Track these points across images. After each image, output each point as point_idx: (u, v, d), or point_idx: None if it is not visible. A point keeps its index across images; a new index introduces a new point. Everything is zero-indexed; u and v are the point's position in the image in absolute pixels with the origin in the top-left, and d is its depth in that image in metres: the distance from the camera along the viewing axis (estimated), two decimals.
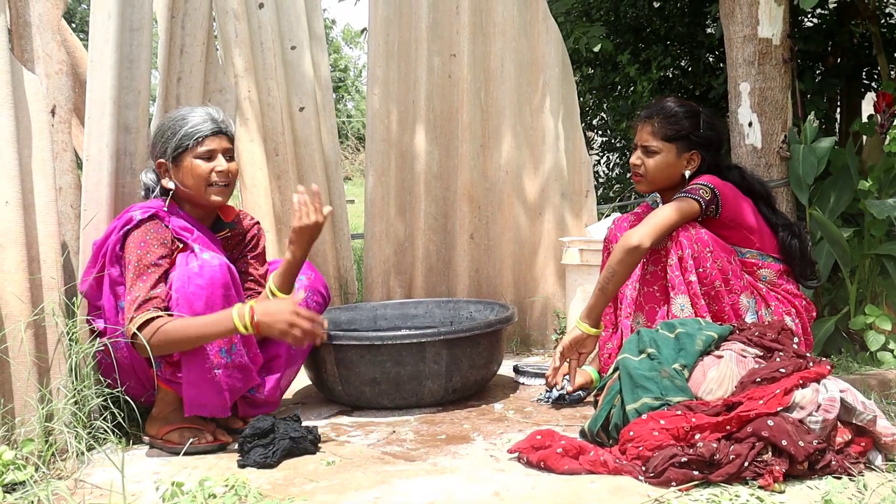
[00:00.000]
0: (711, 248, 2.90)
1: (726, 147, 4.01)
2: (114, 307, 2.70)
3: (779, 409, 2.30)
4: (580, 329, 3.01)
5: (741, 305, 2.92)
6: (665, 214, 2.91)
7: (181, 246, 2.77)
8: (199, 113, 2.86)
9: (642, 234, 2.88)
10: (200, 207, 2.92)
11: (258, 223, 3.16)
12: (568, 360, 3.07)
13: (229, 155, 2.90)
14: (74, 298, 2.70)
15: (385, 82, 4.26)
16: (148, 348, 2.55)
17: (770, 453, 2.22)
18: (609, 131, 6.77)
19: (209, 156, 2.84)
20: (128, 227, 2.70)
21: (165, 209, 2.82)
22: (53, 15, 2.95)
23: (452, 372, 3.11)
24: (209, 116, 2.86)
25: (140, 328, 2.56)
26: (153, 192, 2.91)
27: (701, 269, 2.88)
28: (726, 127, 3.15)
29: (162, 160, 2.84)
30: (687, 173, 3.09)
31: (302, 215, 2.83)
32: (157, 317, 2.58)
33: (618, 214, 3.88)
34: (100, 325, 2.73)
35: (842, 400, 2.35)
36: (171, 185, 2.85)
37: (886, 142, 3.69)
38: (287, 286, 2.93)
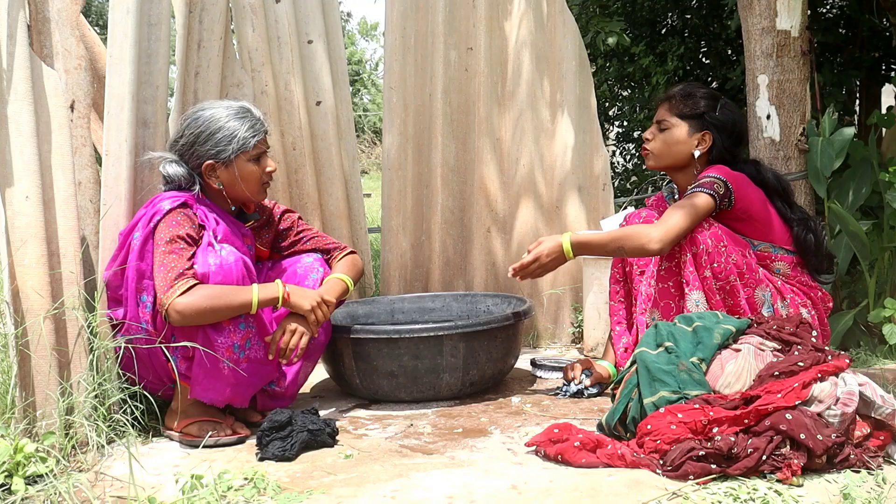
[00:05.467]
0: (726, 242, 2.89)
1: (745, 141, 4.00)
2: (136, 301, 2.71)
3: (797, 402, 2.29)
4: (563, 245, 2.99)
5: (757, 299, 2.91)
6: (683, 218, 2.87)
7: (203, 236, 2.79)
8: (249, 115, 2.89)
9: (662, 242, 2.86)
10: (237, 203, 2.97)
11: (277, 205, 3.20)
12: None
13: (268, 153, 2.98)
14: (94, 292, 2.71)
15: (402, 76, 4.26)
16: (181, 312, 2.59)
17: (788, 447, 2.22)
18: (626, 122, 6.76)
19: (259, 157, 2.90)
20: (157, 217, 2.71)
21: (205, 202, 2.87)
22: (72, 10, 2.96)
23: (470, 365, 3.11)
24: (257, 118, 2.90)
25: (179, 296, 2.60)
26: (184, 185, 2.88)
27: (716, 265, 2.87)
28: (746, 120, 3.16)
29: (212, 161, 2.84)
30: (696, 153, 3.09)
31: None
32: (195, 284, 2.62)
33: (632, 209, 3.89)
34: (119, 314, 2.75)
35: (860, 393, 2.34)
36: (219, 185, 2.87)
37: None
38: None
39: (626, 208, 4.16)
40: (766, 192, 3.06)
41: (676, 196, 3.24)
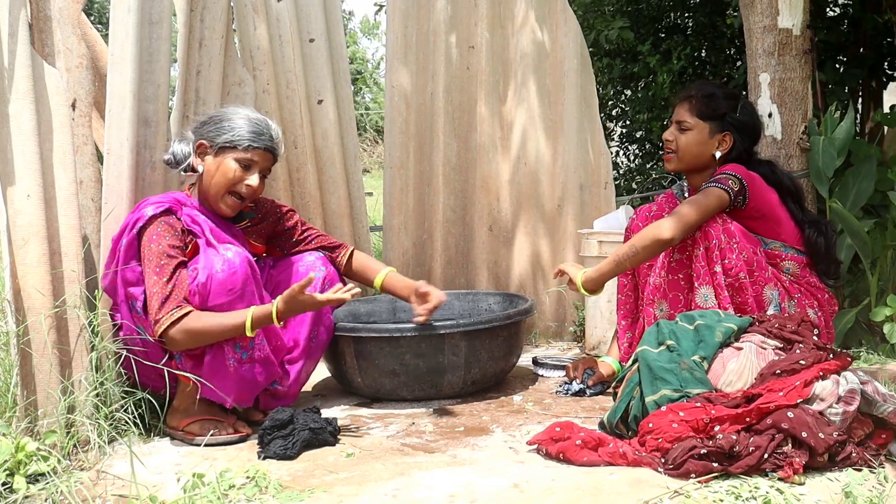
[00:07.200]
0: (738, 239, 2.89)
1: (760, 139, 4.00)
2: (127, 307, 2.71)
3: (799, 400, 2.29)
4: (580, 290, 3.07)
5: (765, 297, 2.91)
6: (697, 208, 2.89)
7: (193, 239, 2.78)
8: (261, 125, 2.87)
9: (675, 228, 2.87)
10: (206, 200, 2.91)
11: (277, 202, 3.17)
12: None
13: (265, 174, 2.91)
14: (96, 291, 2.72)
15: (403, 75, 4.26)
16: (175, 341, 2.61)
17: (790, 445, 2.22)
18: (629, 122, 6.74)
19: (248, 165, 2.85)
20: (140, 224, 2.71)
21: (192, 203, 2.85)
22: (73, 9, 2.96)
23: (471, 364, 3.11)
24: (266, 132, 2.87)
25: (168, 328, 2.60)
26: (181, 165, 2.91)
27: (726, 261, 2.87)
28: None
29: (205, 142, 2.85)
30: (717, 154, 3.09)
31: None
32: (184, 314, 2.61)
33: (625, 206, 3.89)
34: (118, 316, 2.75)
35: (862, 392, 2.34)
36: (200, 168, 2.86)
37: None
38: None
39: (627, 206, 4.15)
40: (780, 194, 3.07)
41: (687, 193, 3.24)
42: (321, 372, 3.43)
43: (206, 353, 2.67)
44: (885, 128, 4.18)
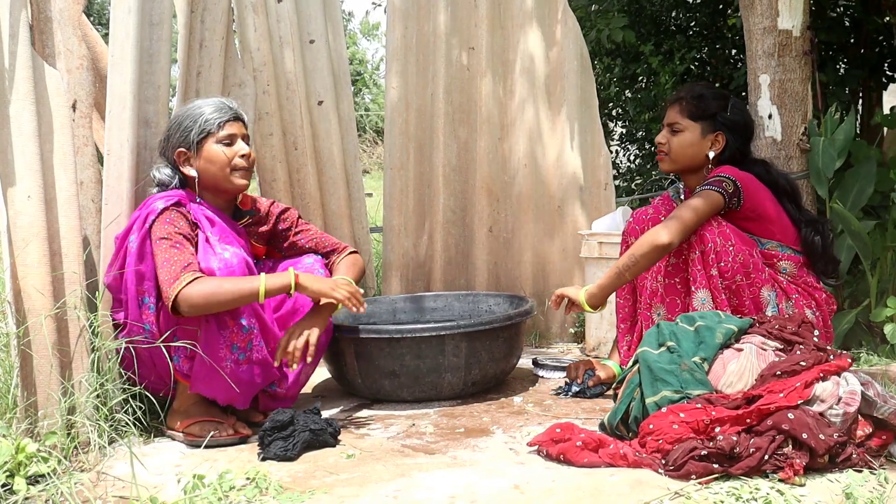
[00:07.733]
0: (733, 241, 2.89)
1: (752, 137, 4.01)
2: (137, 303, 2.70)
3: (799, 402, 2.29)
4: (584, 308, 3.06)
5: (762, 298, 2.91)
6: (692, 211, 2.90)
7: (198, 235, 2.78)
8: (214, 101, 2.90)
9: (672, 232, 2.88)
10: (223, 194, 2.93)
11: (276, 202, 3.17)
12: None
13: (247, 140, 2.94)
14: (96, 292, 2.71)
15: (403, 76, 4.26)
16: (189, 298, 2.58)
17: (790, 446, 2.22)
18: (629, 122, 6.74)
19: (230, 140, 2.86)
20: (152, 218, 2.70)
21: (196, 200, 2.85)
22: (74, 10, 2.96)
23: (472, 365, 3.11)
24: (223, 104, 2.90)
25: (186, 286, 2.59)
26: (170, 185, 2.89)
27: (722, 263, 2.88)
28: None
29: (182, 149, 2.84)
30: (711, 154, 3.10)
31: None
32: (201, 276, 2.62)
33: (623, 208, 3.89)
34: (120, 316, 2.75)
35: (862, 393, 2.34)
36: (193, 172, 2.85)
37: None
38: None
39: (626, 208, 4.14)
40: (775, 193, 3.07)
41: (682, 196, 3.25)
42: (321, 373, 3.43)
43: (203, 352, 2.67)
44: (885, 129, 4.17)
